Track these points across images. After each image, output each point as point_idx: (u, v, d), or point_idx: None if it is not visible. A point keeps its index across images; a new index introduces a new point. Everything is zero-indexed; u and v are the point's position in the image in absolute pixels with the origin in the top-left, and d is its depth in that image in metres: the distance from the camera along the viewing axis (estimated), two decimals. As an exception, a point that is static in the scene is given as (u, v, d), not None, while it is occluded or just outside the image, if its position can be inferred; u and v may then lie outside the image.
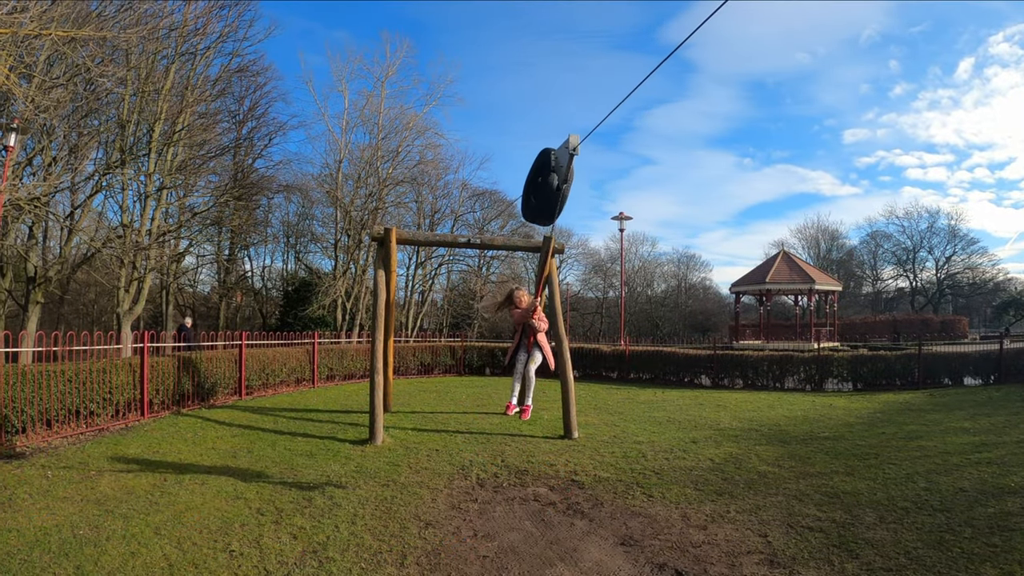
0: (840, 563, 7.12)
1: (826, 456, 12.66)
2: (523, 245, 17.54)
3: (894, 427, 15.91)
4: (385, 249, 14.96)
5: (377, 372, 13.83)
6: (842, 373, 25.21)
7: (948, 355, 26.23)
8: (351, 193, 42.76)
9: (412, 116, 45.68)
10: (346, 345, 26.52)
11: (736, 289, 50.99)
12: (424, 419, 16.27)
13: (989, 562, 7.09)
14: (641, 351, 29.17)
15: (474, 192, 54.54)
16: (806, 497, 9.80)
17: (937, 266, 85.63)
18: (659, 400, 21.07)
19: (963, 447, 13.46)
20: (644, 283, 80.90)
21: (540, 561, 7.11)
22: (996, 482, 10.55)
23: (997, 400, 20.51)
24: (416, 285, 51.92)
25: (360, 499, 9.13)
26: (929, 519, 8.68)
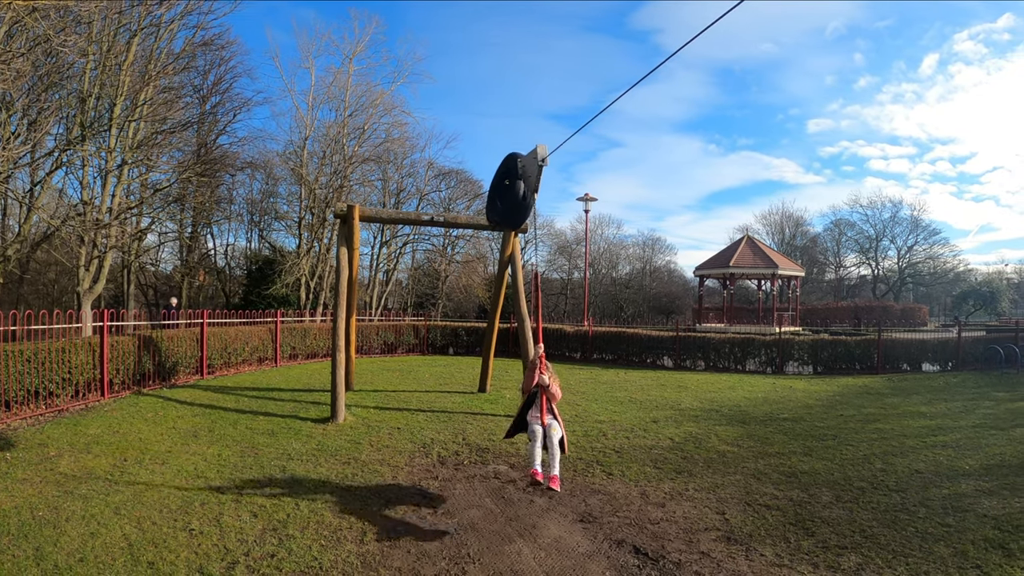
0: (796, 540, 7.31)
1: (785, 437, 12.90)
2: (487, 224, 17.56)
3: (852, 410, 16.20)
4: (348, 226, 14.93)
5: (339, 350, 13.83)
6: (803, 356, 25.60)
7: (907, 341, 26.72)
8: (316, 171, 42.11)
9: (379, 93, 45.03)
10: (309, 324, 26.44)
11: (700, 273, 51.24)
12: (386, 398, 16.31)
13: (943, 541, 7.32)
14: (604, 332, 29.43)
15: (440, 171, 54.10)
16: (764, 476, 10.01)
17: (899, 255, 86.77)
18: (621, 380, 21.24)
19: (920, 430, 13.74)
20: (609, 265, 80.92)
21: (500, 537, 7.19)
22: (951, 464, 10.83)
23: (954, 386, 20.91)
24: (381, 264, 51.59)
25: (321, 477, 9.15)
26: (884, 499, 8.92)
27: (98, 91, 26.81)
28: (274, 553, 6.47)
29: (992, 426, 14.24)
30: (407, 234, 51.25)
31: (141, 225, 38.76)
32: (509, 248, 16.21)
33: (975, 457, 11.37)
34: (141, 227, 38.74)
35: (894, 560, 6.80)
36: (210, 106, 43.51)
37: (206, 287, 52.73)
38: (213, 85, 43.54)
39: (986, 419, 15.08)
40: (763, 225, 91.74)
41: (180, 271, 48.48)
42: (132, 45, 27.98)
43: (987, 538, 7.40)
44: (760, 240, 56.40)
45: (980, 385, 21.18)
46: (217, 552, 6.42)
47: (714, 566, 6.59)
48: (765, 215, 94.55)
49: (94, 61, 26.32)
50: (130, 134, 29.12)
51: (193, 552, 6.40)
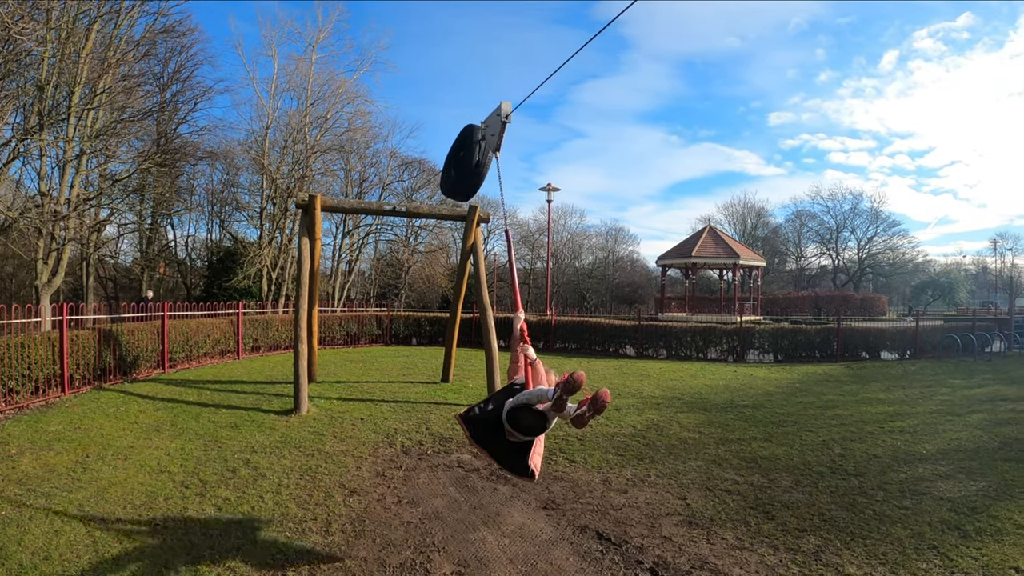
0: (756, 524, 7.45)
1: (745, 423, 13.10)
2: (449, 214, 17.64)
3: (812, 397, 16.45)
4: (310, 216, 14.89)
5: (301, 341, 13.77)
6: (763, 345, 25.95)
7: (866, 330, 27.23)
8: (278, 160, 41.74)
9: (342, 82, 44.92)
10: (271, 315, 26.30)
11: (663, 262, 51.52)
12: (349, 389, 16.28)
13: (900, 523, 7.50)
14: (567, 321, 29.58)
15: (403, 161, 53.76)
16: (725, 462, 10.17)
17: (859, 246, 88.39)
18: (584, 369, 21.21)
19: (878, 416, 13.99)
20: (572, 255, 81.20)
21: (464, 525, 7.24)
22: (908, 449, 11.06)
23: (912, 374, 21.30)
24: (343, 255, 51.28)
25: (285, 469, 9.15)
26: (843, 483, 9.11)
27: (56, 79, 26.37)
28: (239, 546, 6.44)
29: (949, 412, 14.53)
30: (370, 224, 50.94)
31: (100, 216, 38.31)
32: (471, 238, 16.23)
33: (932, 442, 11.61)
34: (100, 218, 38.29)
35: (852, 542, 6.95)
36: (170, 94, 42.88)
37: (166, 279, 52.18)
38: (174, 73, 42.89)
39: (943, 405, 15.39)
40: (725, 215, 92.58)
41: (140, 263, 47.81)
42: (92, 32, 27.54)
43: (943, 520, 7.59)
44: (722, 230, 56.85)
45: (937, 373, 21.59)
46: (182, 547, 6.41)
47: (676, 550, 6.69)
48: (727, 206, 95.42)
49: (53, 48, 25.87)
50: (89, 123, 28.75)
51: (158, 547, 6.38)
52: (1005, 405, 15.54)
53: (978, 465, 10.12)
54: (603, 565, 6.32)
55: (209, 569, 5.93)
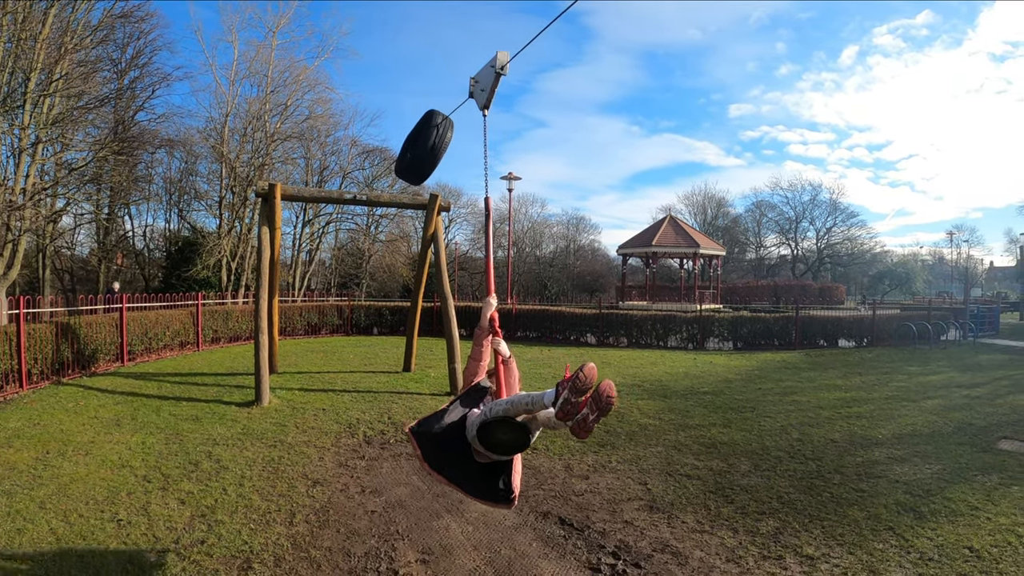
0: (716, 507, 7.59)
1: (705, 409, 13.26)
2: (410, 203, 17.61)
3: (771, 383, 16.66)
4: (270, 205, 14.80)
5: (262, 332, 13.70)
6: (723, 333, 26.19)
7: (824, 319, 27.74)
8: (237, 148, 41.31)
9: (303, 69, 44.57)
10: (231, 306, 26.00)
11: (623, 251, 51.79)
12: (311, 379, 16.23)
13: (856, 505, 7.67)
14: (528, 310, 29.71)
15: (364, 149, 53.47)
16: (685, 447, 10.32)
17: (818, 236, 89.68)
18: (545, 357, 21.47)
19: (835, 402, 14.22)
20: (533, 244, 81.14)
21: (427, 514, 7.29)
22: (865, 434, 11.27)
23: (868, 361, 21.63)
24: (303, 244, 50.86)
25: (247, 461, 9.12)
26: (801, 467, 9.29)
27: (12, 64, 25.93)
28: (204, 539, 6.44)
29: (904, 398, 14.80)
30: (330, 213, 50.61)
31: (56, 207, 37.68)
32: (432, 227, 16.21)
33: (888, 427, 11.83)
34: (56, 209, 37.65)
35: (810, 524, 7.11)
36: (128, 81, 41.95)
37: (124, 271, 51.46)
38: (132, 59, 42.04)
39: (899, 391, 15.66)
40: (686, 205, 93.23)
41: (97, 255, 47.00)
42: (48, 16, 27.04)
43: (899, 502, 7.78)
44: (682, 220, 57.28)
45: (894, 360, 21.94)
46: (147, 541, 6.37)
47: (637, 534, 6.79)
48: (688, 196, 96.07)
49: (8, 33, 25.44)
50: (44, 110, 28.23)
51: (122, 543, 6.33)
52: (959, 391, 15.85)
53: (933, 449, 10.34)
54: (566, 550, 6.39)
55: (175, 563, 5.92)
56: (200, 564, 5.91)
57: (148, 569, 5.79)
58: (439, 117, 7.81)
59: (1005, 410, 13.65)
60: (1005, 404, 14.36)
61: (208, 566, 5.88)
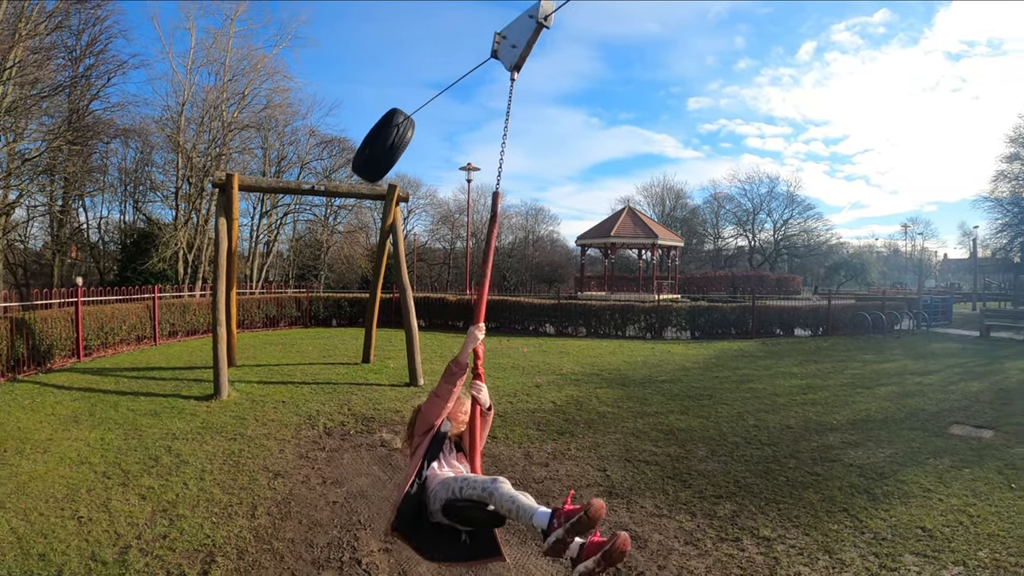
0: (674, 492, 7.73)
1: (663, 397, 13.45)
2: (368, 193, 17.50)
3: (728, 371, 16.89)
4: (227, 196, 14.69)
5: (220, 325, 13.61)
6: (681, 322, 26.49)
7: (781, 308, 28.30)
8: (194, 138, 40.85)
9: (261, 57, 44.10)
10: (188, 299, 25.78)
11: (582, 242, 51.92)
12: (270, 372, 16.16)
13: (812, 488, 7.85)
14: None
15: (322, 139, 53.07)
16: (643, 434, 10.47)
17: (775, 228, 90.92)
18: (504, 348, 21.55)
19: (791, 389, 14.46)
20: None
21: (389, 503, 7.27)
22: (819, 420, 11.50)
23: (824, 349, 22.00)
24: (261, 235, 50.31)
25: (207, 455, 9.07)
26: (757, 452, 9.48)
27: (-35, 52, 25.47)
28: (166, 534, 6.40)
29: (859, 385, 15.08)
30: (288, 204, 50.19)
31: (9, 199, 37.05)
32: (390, 217, 16.17)
33: (842, 413, 12.08)
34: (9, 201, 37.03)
35: (766, 506, 7.28)
36: (83, 69, 40.68)
37: (79, 264, 50.68)
38: (87, 46, 40.76)
39: (853, 379, 15.97)
40: (644, 197, 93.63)
41: (51, 248, 46.14)
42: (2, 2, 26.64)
43: (853, 484, 7.98)
44: (641, 211, 57.58)
45: (849, 349, 22.33)
46: (108, 538, 6.32)
47: (597, 520, 6.86)
48: (646, 187, 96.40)
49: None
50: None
51: (84, 540, 6.28)
52: (912, 378, 16.21)
53: (886, 434, 10.59)
54: (527, 537, 6.45)
55: (137, 559, 5.89)
56: (163, 559, 5.89)
57: (111, 566, 5.76)
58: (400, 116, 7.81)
59: (957, 396, 14.00)
60: (957, 391, 14.71)
61: (171, 560, 5.86)
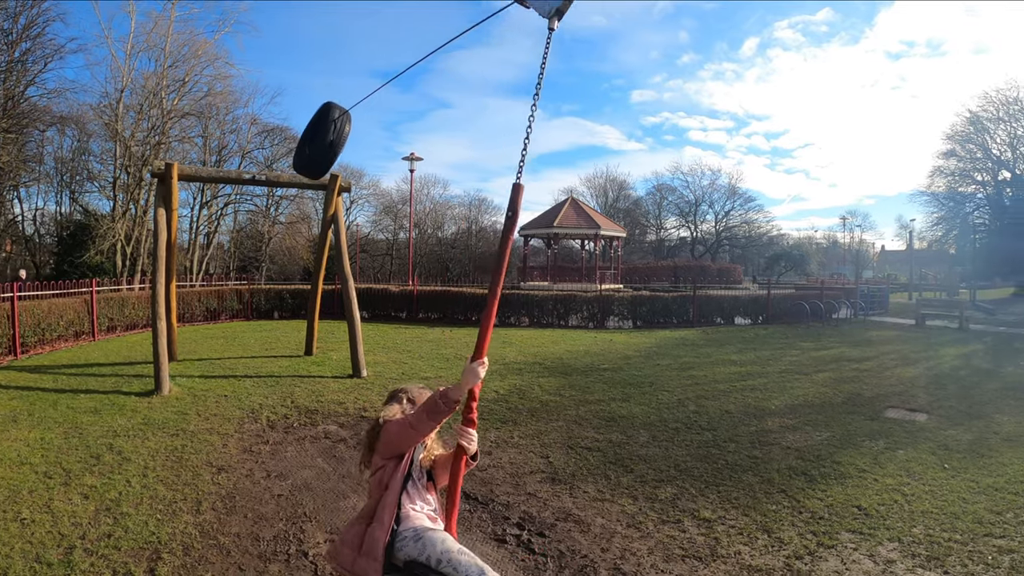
0: (616, 477, 7.86)
1: (605, 385, 13.61)
2: (309, 183, 17.36)
3: (669, 359, 17.13)
4: (166, 186, 14.50)
5: (160, 318, 13.38)
6: (623, 312, 26.81)
7: (721, 298, 28.86)
8: (132, 126, 39.89)
9: (203, 43, 43.15)
10: (127, 293, 25.33)
11: (525, 232, 52.09)
12: (212, 366, 15.98)
13: (751, 471, 8.05)
14: (430, 291, 29.92)
15: (264, 128, 52.81)
16: (585, 422, 10.61)
17: (716, 219, 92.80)
18: (447, 338, 21.63)
19: (730, 376, 14.75)
20: (435, 225, 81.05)
21: (334, 495, 7.32)
22: (758, 405, 11.77)
23: (763, 337, 22.40)
24: (201, 227, 49.62)
25: (150, 451, 8.94)
26: (697, 437, 9.68)
27: None
28: (111, 533, 6.32)
29: (797, 371, 15.42)
30: (229, 194, 49.70)
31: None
32: (332, 208, 16.08)
33: (781, 398, 12.35)
34: (-59, 192, 36.18)
35: (707, 489, 7.43)
36: (19, 53, 39.58)
37: (13, 258, 49.60)
38: (23, 30, 39.45)
39: (792, 365, 16.30)
40: (587, 188, 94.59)
41: (-17, 241, 45.38)
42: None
43: (791, 467, 8.19)
44: (584, 202, 58.01)
45: (787, 336, 22.78)
46: (52, 539, 6.22)
47: (541, 505, 6.97)
48: (590, 178, 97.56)
49: None
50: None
51: (27, 542, 6.16)
52: (849, 365, 16.59)
53: (823, 418, 10.85)
54: (472, 523, 6.50)
55: (82, 559, 5.80)
56: (108, 558, 5.82)
57: (57, 567, 5.67)
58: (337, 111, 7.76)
59: (892, 381, 14.39)
60: (892, 376, 15.11)
61: (117, 559, 5.79)
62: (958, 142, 49.60)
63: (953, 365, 17.03)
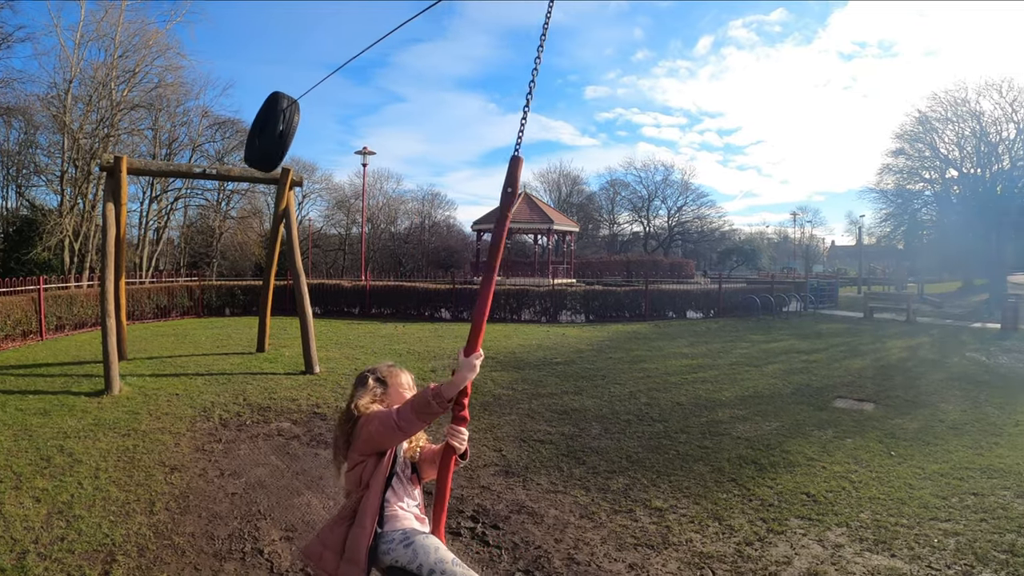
0: (569, 469, 7.95)
1: (557, 379, 13.74)
2: (261, 177, 17.24)
3: (621, 353, 17.29)
4: (115, 180, 14.29)
5: (109, 316, 13.20)
6: (576, 306, 26.96)
7: (673, 292, 29.25)
8: (81, 118, 39.05)
9: (154, 33, 42.21)
10: (76, 290, 24.97)
11: (478, 227, 52.13)
12: (162, 364, 15.80)
13: (701, 460, 8.20)
14: (383, 286, 29.92)
15: (216, 120, 51.84)
16: (538, 415, 10.71)
17: (669, 214, 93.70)
18: (400, 333, 21.59)
19: (682, 369, 14.93)
20: (388, 220, 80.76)
21: (288, 492, 7.31)
22: (709, 396, 11.96)
23: (715, 330, 22.67)
24: (151, 222, 48.86)
25: (101, 452, 8.83)
26: (649, 428, 9.84)
27: None
28: (64, 536, 6.24)
29: (748, 363, 15.63)
30: (179, 188, 48.99)
31: None
32: (284, 202, 15.97)
33: (732, 390, 12.55)
34: None
35: (658, 479, 7.56)
36: None
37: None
38: None
39: (742, 358, 16.52)
40: (541, 183, 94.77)
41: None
42: None
43: (741, 456, 8.36)
44: (537, 197, 58.04)
45: (738, 330, 23.07)
46: (4, 544, 6.12)
47: (494, 498, 7.04)
48: (543, 173, 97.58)
49: None
50: None
51: (-23, 547, 6.13)
52: (799, 356, 16.88)
53: (773, 408, 11.07)
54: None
55: (35, 563, 5.72)
56: (63, 562, 5.75)
57: (10, 572, 5.60)
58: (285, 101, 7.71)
59: (840, 372, 14.69)
60: (840, 367, 15.42)
61: (71, 563, 5.72)
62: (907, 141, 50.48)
63: (900, 357, 17.40)
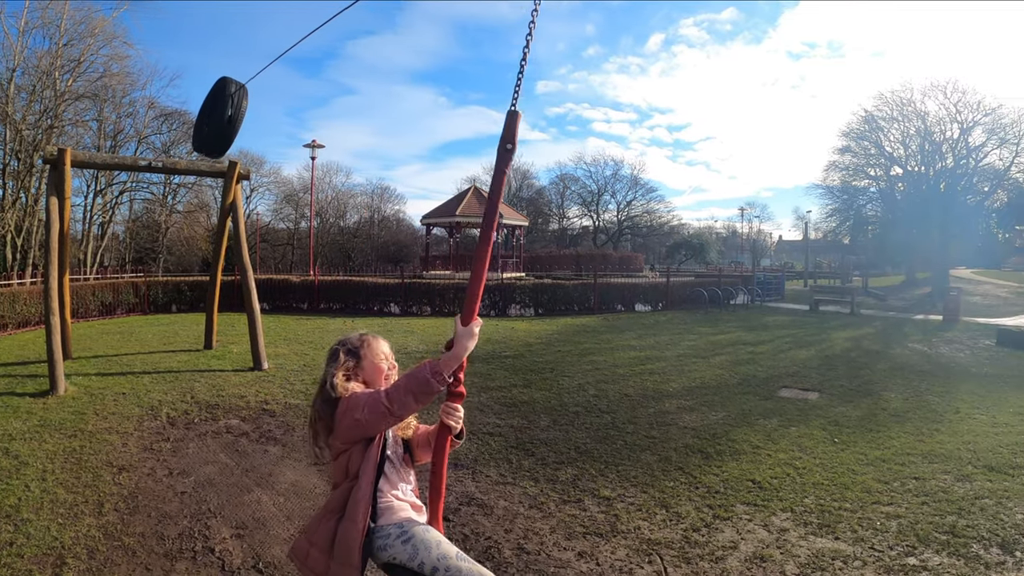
0: (518, 461, 8.05)
1: (507, 372, 13.83)
2: (208, 170, 17.06)
3: (570, 346, 17.43)
4: (59, 172, 14.02)
5: (53, 314, 12.92)
6: (525, 300, 27.09)
7: (622, 285, 29.55)
8: (24, 108, 38.65)
9: (100, 20, 41.73)
10: (18, 287, 24.60)
11: (427, 221, 52.18)
12: (108, 363, 15.60)
13: (649, 450, 8.34)
14: (331, 281, 29.83)
15: (162, 112, 51.47)
16: (487, 408, 10.80)
17: (619, 209, 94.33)
18: (349, 328, 21.38)
19: (630, 361, 15.12)
20: (337, 214, 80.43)
21: (238, 489, 7.27)
22: (657, 388, 12.13)
23: (663, 323, 22.96)
24: (95, 216, 48.25)
25: (48, 454, 8.69)
26: (597, 419, 9.97)
27: None
28: (12, 541, 6.13)
29: (695, 355, 15.85)
30: (124, 181, 48.48)
31: None
32: (231, 196, 15.78)
33: (679, 381, 12.74)
34: None
35: (606, 469, 7.66)
36: None
37: None
38: None
39: (690, 350, 16.74)
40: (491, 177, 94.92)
41: None
42: None
43: (688, 445, 8.50)
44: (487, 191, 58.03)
45: (686, 322, 23.38)
46: (-50, 551, 6.09)
47: (444, 491, 7.04)
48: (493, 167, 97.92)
49: None
50: None
51: (-78, 555, 6.02)
52: (745, 348, 17.15)
53: (719, 399, 11.27)
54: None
55: (-18, 568, 5.70)
56: (12, 567, 5.67)
57: (-44, 580, 5.56)
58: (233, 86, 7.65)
59: (786, 363, 14.97)
60: (786, 358, 15.72)
61: (20, 568, 5.63)
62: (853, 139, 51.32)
63: (844, 347, 17.78)
